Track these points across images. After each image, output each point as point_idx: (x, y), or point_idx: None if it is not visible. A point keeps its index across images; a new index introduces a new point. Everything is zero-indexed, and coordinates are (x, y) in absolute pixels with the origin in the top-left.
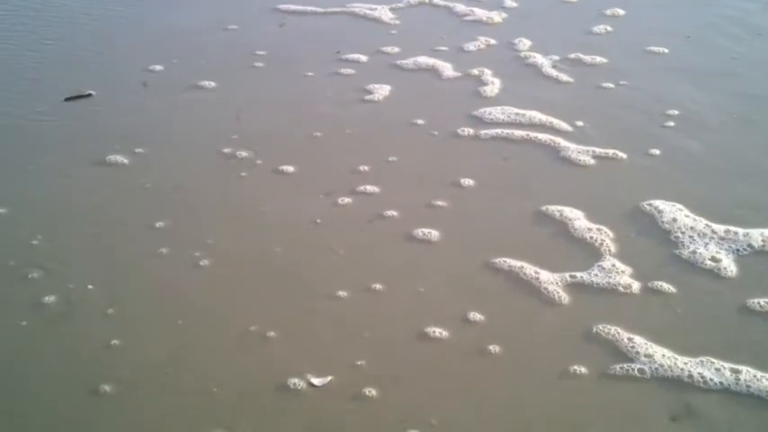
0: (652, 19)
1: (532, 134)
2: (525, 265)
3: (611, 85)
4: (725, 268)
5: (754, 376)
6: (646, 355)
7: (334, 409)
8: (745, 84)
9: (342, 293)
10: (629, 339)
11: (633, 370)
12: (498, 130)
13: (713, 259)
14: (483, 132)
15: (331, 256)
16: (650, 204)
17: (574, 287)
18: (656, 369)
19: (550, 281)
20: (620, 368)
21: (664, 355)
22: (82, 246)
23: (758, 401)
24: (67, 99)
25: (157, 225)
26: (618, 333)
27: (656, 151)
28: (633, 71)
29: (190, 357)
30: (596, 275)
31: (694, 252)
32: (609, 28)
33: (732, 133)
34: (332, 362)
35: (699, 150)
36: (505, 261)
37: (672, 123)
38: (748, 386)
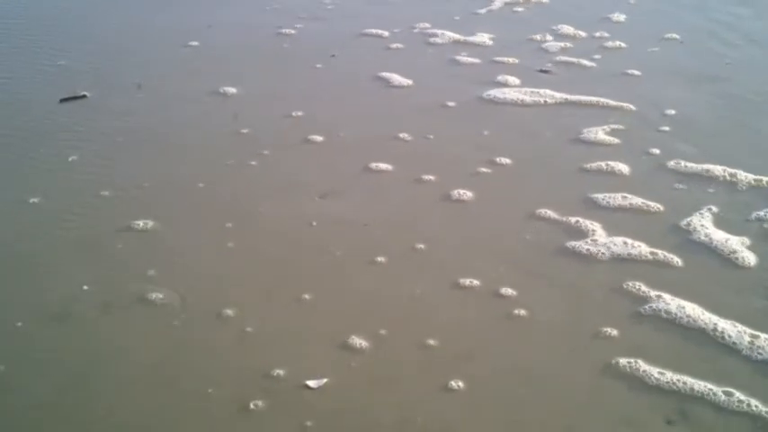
0: (645, 24)
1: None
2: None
3: (608, 88)
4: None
5: None
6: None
7: (330, 410)
8: (739, 88)
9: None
10: (658, 296)
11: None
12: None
13: (734, 253)
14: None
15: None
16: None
17: (605, 251)
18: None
19: (584, 240)
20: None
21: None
22: (76, 253)
23: None
24: (63, 100)
25: (139, 223)
26: (643, 288)
27: (656, 150)
28: (627, 74)
29: (186, 358)
30: (615, 244)
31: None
32: (605, 33)
33: (725, 136)
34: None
35: (693, 152)
36: (546, 212)
37: (667, 127)
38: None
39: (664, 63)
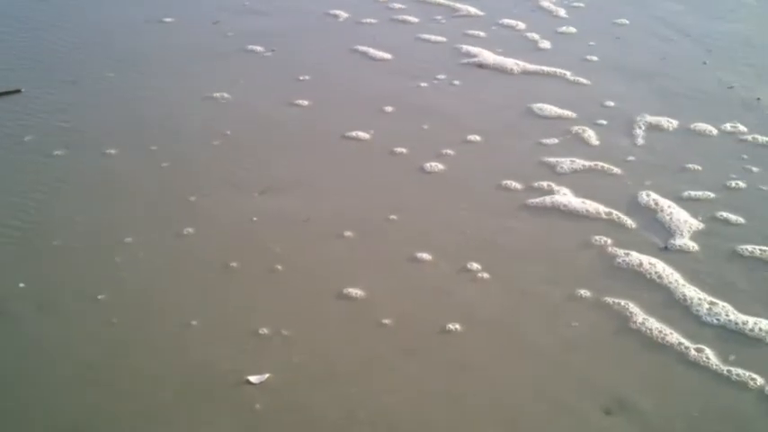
0: (583, 20)
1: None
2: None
3: (545, 86)
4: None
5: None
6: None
7: (271, 405)
8: (674, 83)
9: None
10: (626, 253)
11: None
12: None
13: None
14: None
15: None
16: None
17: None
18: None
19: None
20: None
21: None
22: (13, 246)
23: None
24: None
25: (78, 218)
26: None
27: (596, 142)
28: (567, 69)
29: (126, 356)
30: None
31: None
32: (543, 26)
33: (661, 131)
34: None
35: (630, 146)
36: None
37: (604, 121)
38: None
39: (601, 57)
